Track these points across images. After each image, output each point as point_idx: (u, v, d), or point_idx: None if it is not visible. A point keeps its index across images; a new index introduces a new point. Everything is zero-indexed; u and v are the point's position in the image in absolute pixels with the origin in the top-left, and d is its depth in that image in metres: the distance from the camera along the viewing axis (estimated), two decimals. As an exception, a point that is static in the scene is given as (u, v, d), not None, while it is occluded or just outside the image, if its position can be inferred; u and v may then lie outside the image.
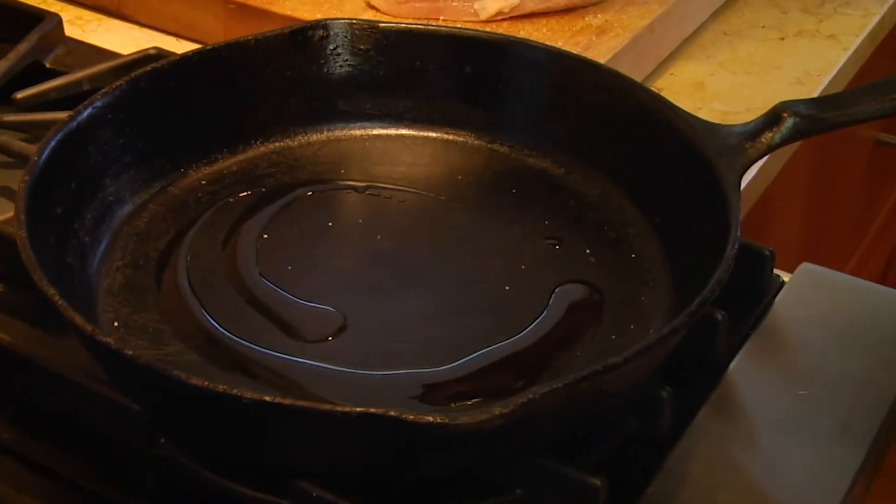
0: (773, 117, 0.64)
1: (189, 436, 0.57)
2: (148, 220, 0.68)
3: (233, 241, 0.67)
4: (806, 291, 0.71)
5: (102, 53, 0.88)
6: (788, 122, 0.64)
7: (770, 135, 0.64)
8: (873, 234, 1.43)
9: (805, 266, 0.72)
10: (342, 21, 0.74)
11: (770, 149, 0.64)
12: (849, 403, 0.64)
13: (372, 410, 0.48)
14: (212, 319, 0.62)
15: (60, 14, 0.90)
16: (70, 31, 0.92)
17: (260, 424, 0.51)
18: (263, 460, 0.56)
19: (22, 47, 0.84)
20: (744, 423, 0.64)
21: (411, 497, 0.55)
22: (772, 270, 0.69)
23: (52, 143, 0.63)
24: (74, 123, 0.65)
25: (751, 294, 0.69)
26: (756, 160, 0.64)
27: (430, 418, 0.48)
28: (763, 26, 1.00)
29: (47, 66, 0.86)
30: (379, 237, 0.68)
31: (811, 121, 0.64)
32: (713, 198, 0.62)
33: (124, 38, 0.95)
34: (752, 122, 0.65)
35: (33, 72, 0.85)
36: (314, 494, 0.53)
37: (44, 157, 0.62)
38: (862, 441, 0.62)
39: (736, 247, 0.57)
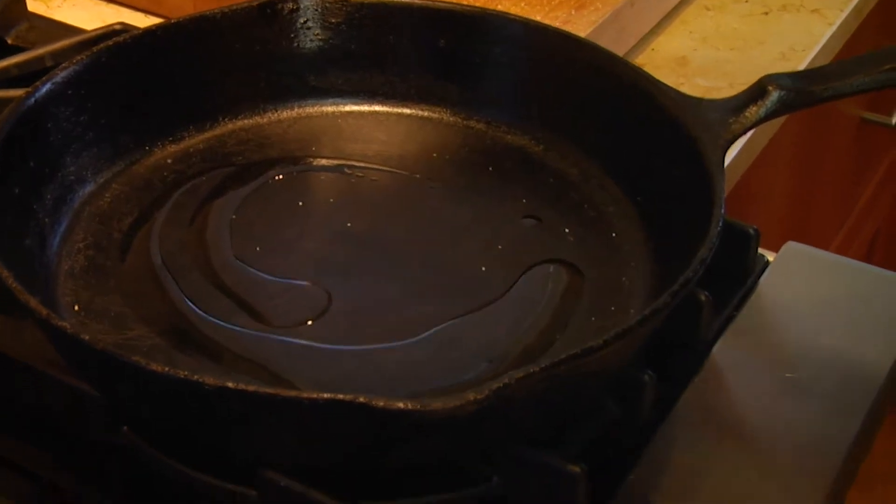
0: (758, 91, 0.62)
1: (151, 424, 0.55)
2: (111, 200, 0.66)
3: (201, 221, 0.65)
4: (791, 271, 0.69)
5: (66, 29, 0.86)
6: (774, 96, 0.62)
7: (755, 108, 0.62)
8: (858, 212, 1.42)
9: (790, 245, 0.70)
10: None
11: (755, 123, 0.62)
12: (837, 386, 0.63)
13: (340, 396, 0.46)
14: (177, 301, 0.60)
15: (24, -13, 0.88)
16: (34, 6, 0.90)
17: (224, 412, 0.49)
18: (229, 449, 0.54)
19: (-17, 22, 0.81)
20: (728, 407, 0.62)
21: (384, 487, 0.53)
22: (756, 250, 0.68)
23: (9, 121, 0.61)
24: (32, 100, 0.62)
25: (735, 274, 0.67)
26: (741, 135, 0.62)
27: (402, 405, 0.46)
28: (746, 1, 0.99)
29: (9, 42, 0.84)
30: (351, 217, 0.66)
31: (797, 94, 0.63)
32: (696, 175, 0.60)
33: (90, 14, 0.93)
34: (736, 95, 0.63)
35: (-4, 47, 0.82)
36: (282, 484, 0.52)
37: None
38: (850, 425, 0.61)
39: (720, 225, 0.55)
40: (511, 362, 0.57)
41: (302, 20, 0.72)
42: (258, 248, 0.64)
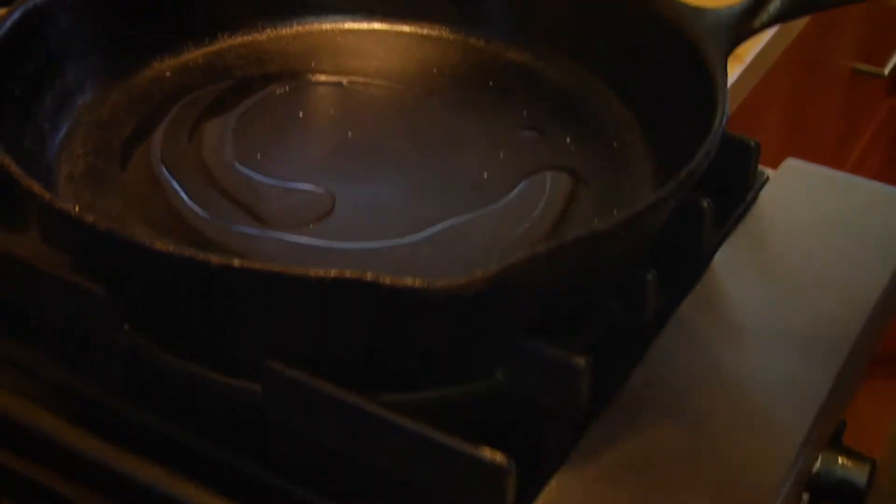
0: None
1: (153, 320, 0.55)
2: (110, 110, 0.66)
3: (201, 131, 0.65)
4: (791, 186, 0.70)
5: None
6: (776, 2, 0.62)
7: (758, 15, 0.62)
8: (850, 166, 1.43)
9: (790, 161, 0.71)
10: None
11: (757, 29, 0.62)
12: (833, 301, 0.63)
13: (347, 273, 0.46)
14: (179, 204, 0.60)
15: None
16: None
17: (229, 294, 0.49)
18: (233, 342, 0.54)
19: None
20: (727, 317, 0.63)
21: (388, 381, 0.53)
22: (757, 162, 0.68)
23: (9, 23, 0.60)
24: (32, 4, 0.62)
25: (736, 188, 0.68)
26: (743, 40, 0.62)
27: (408, 282, 0.46)
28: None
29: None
30: (352, 128, 0.66)
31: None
32: (699, 82, 0.60)
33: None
34: (738, 3, 0.63)
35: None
36: (286, 374, 0.52)
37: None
38: (845, 342, 0.61)
39: (724, 120, 0.56)
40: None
41: None
42: (259, 155, 0.63)
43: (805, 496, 0.65)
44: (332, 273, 0.46)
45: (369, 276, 0.46)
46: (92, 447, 0.53)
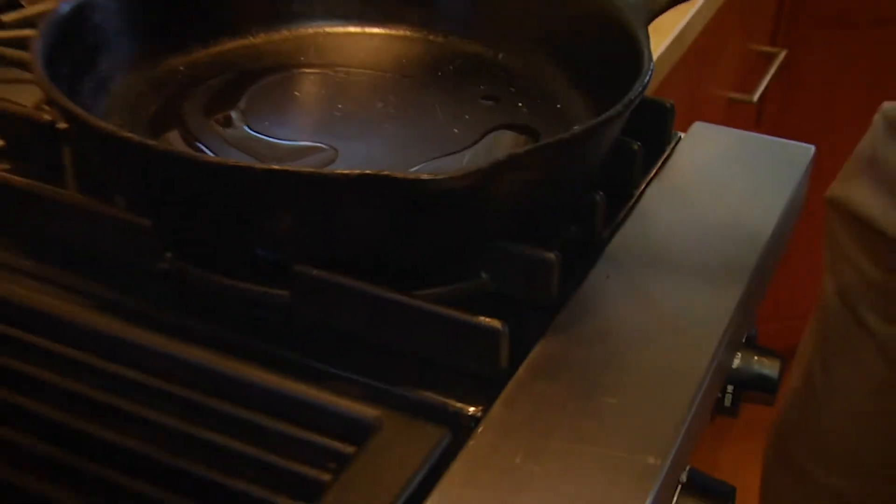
0: None
1: (192, 241, 0.59)
2: (136, 95, 0.70)
3: (216, 109, 0.70)
4: (699, 143, 0.76)
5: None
6: None
7: None
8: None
9: (698, 124, 0.77)
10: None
11: (663, 7, 0.69)
12: (732, 240, 0.68)
13: (368, 171, 0.52)
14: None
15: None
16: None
17: (266, 197, 0.54)
18: (263, 252, 0.58)
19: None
20: (657, 239, 0.68)
21: (393, 282, 0.57)
22: (673, 120, 0.74)
23: (68, 10, 0.66)
24: (77, 4, 0.67)
25: (657, 143, 0.74)
26: (656, 16, 0.69)
27: (423, 175, 0.51)
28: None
29: (21, 2, 0.88)
30: (341, 102, 0.72)
31: None
32: (626, 46, 0.66)
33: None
34: None
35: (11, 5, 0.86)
36: (313, 274, 0.56)
37: (54, 20, 0.64)
38: (752, 253, 0.67)
39: (652, 64, 0.62)
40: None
41: None
42: (267, 123, 0.69)
43: (730, 388, 0.71)
44: (356, 171, 0.52)
45: (386, 172, 0.51)
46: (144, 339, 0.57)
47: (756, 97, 1.40)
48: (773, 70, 1.46)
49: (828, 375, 1.00)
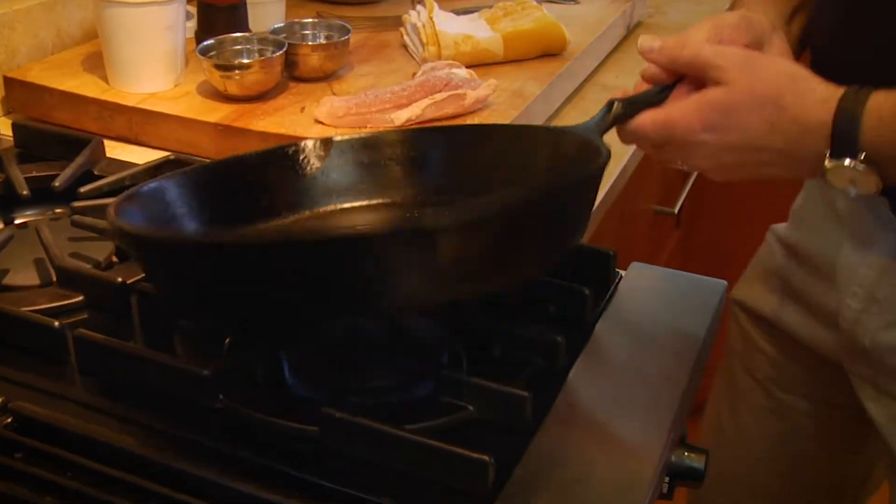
0: (607, 106, 0.71)
1: (240, 389, 0.60)
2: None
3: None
4: (636, 280, 0.78)
5: (133, 165, 0.91)
6: (618, 107, 0.70)
7: (605, 122, 0.70)
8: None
9: (635, 264, 0.79)
10: (309, 140, 0.77)
11: (609, 126, 0.70)
12: (673, 347, 0.70)
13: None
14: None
15: (98, 141, 0.93)
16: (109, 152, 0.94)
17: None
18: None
19: (80, 159, 0.87)
20: (608, 362, 0.69)
21: (400, 417, 0.59)
22: (615, 265, 0.76)
23: (142, 189, 0.67)
24: (158, 183, 0.69)
25: (603, 282, 0.75)
26: (603, 134, 0.69)
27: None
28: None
29: (96, 173, 0.89)
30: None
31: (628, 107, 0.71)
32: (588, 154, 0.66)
33: (143, 157, 0.97)
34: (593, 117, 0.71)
35: (86, 177, 0.88)
36: (337, 416, 0.57)
37: (132, 193, 0.66)
38: (681, 379, 0.67)
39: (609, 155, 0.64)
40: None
41: (302, 157, 0.77)
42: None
43: (666, 479, 0.72)
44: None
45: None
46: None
47: (677, 208, 1.42)
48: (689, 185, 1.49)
49: (737, 430, 1.02)
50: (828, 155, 0.66)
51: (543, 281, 0.71)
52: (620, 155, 1.02)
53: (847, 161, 0.66)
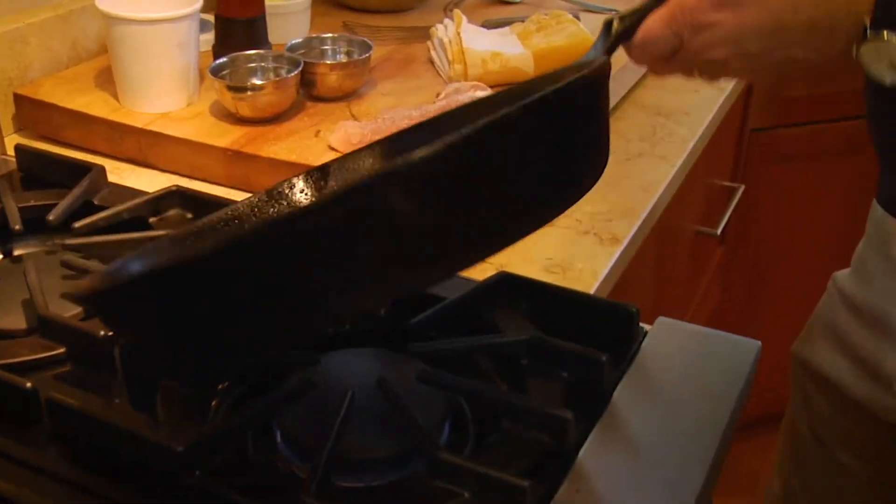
0: (606, 26, 0.64)
1: (216, 464, 0.55)
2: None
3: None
4: (662, 337, 0.71)
5: (135, 193, 0.87)
6: (618, 25, 0.64)
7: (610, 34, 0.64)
8: (697, 301, 1.45)
9: (661, 319, 0.73)
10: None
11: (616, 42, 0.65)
12: (699, 415, 0.64)
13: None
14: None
15: (104, 165, 0.89)
16: (110, 177, 0.90)
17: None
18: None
19: (77, 190, 0.83)
20: (627, 433, 0.63)
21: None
22: (638, 322, 0.70)
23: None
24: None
25: (625, 341, 0.69)
26: (612, 52, 0.64)
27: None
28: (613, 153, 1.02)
29: (95, 203, 0.85)
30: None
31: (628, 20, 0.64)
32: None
33: (151, 180, 0.94)
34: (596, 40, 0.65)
35: (85, 207, 0.83)
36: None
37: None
38: (711, 442, 0.62)
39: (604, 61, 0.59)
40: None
41: None
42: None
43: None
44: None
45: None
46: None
47: (719, 230, 1.34)
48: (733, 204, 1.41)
49: (805, 492, 0.96)
50: (868, 26, 0.55)
51: (555, 345, 0.65)
52: (665, 173, 0.96)
53: (887, 34, 0.55)
